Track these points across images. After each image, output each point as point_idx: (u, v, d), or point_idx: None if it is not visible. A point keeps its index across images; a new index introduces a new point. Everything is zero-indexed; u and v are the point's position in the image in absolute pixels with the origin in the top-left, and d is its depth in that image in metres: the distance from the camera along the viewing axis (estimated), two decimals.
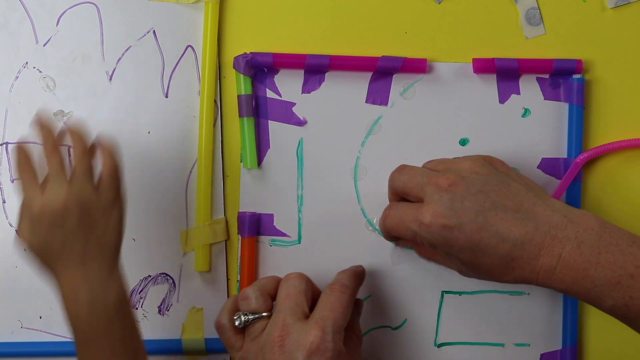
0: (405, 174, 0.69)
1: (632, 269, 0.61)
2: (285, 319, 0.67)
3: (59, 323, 0.77)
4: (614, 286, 0.62)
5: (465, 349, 0.78)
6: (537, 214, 0.64)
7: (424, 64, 0.77)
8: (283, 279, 0.71)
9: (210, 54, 0.77)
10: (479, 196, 0.65)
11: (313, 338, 0.66)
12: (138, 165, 0.77)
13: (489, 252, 0.64)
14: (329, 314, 0.68)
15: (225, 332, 0.71)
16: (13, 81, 0.77)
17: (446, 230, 0.65)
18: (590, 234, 0.63)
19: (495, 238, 0.64)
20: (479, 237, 0.64)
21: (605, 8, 0.78)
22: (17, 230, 0.68)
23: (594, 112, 0.78)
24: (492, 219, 0.64)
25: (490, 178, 0.66)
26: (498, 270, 0.65)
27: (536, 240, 0.63)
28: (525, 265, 0.63)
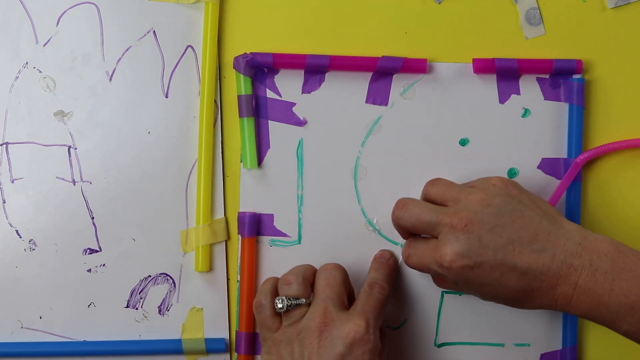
0: (410, 213, 0.69)
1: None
2: (327, 306, 0.69)
3: (59, 323, 0.77)
4: (628, 311, 0.63)
5: (465, 349, 0.78)
6: (553, 243, 0.65)
7: (424, 64, 0.77)
8: (321, 268, 0.73)
9: (210, 54, 0.77)
10: (496, 231, 0.65)
11: (357, 327, 0.67)
12: (138, 165, 0.77)
13: (510, 286, 0.65)
14: (372, 310, 0.69)
15: (264, 312, 0.72)
16: (13, 81, 0.77)
17: (466, 270, 0.65)
18: (604, 260, 0.64)
19: (514, 273, 0.65)
20: (499, 273, 0.65)
21: (605, 8, 0.78)
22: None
23: (594, 112, 0.78)
24: (510, 255, 0.65)
25: (503, 209, 0.66)
26: (519, 300, 0.66)
27: (553, 271, 0.64)
28: (544, 294, 0.65)
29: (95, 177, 0.77)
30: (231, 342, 0.78)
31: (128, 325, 0.77)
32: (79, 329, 0.77)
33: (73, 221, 0.77)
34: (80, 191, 0.77)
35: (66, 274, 0.77)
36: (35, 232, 0.77)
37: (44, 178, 0.77)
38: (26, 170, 0.77)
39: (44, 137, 0.77)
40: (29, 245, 0.77)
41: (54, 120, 0.77)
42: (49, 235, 0.77)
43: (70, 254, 0.77)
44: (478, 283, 0.66)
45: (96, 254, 0.77)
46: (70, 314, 0.77)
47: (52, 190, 0.77)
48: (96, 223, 0.77)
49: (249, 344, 0.77)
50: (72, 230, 0.77)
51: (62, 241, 0.77)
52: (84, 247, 0.77)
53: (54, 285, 0.77)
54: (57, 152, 0.77)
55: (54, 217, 0.77)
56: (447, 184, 0.70)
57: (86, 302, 0.77)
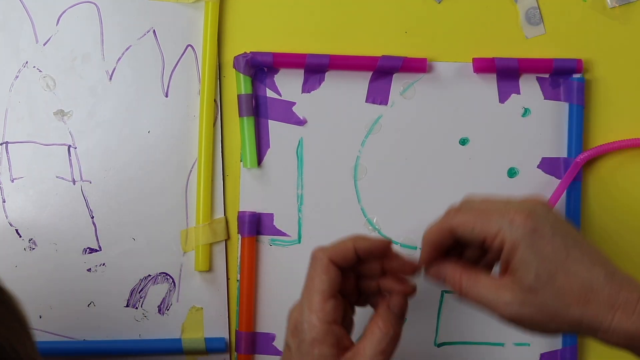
0: (469, 213, 0.64)
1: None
2: (299, 301, 0.65)
3: (59, 323, 0.77)
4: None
5: (465, 349, 0.78)
6: (614, 266, 0.62)
7: (424, 63, 0.77)
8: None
9: (210, 53, 0.77)
10: (571, 229, 0.63)
11: (293, 321, 0.64)
12: (138, 165, 0.77)
13: (571, 272, 0.61)
14: (303, 292, 0.64)
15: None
16: (13, 81, 0.77)
17: (536, 234, 0.61)
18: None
19: (580, 262, 0.61)
20: (566, 254, 0.61)
21: (605, 8, 0.78)
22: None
23: (594, 112, 0.78)
24: (580, 247, 0.61)
25: (569, 226, 0.64)
26: (571, 297, 0.60)
27: (617, 279, 0.60)
28: (604, 299, 0.60)
29: (95, 176, 0.77)
30: (231, 341, 0.78)
31: (128, 325, 0.77)
32: (79, 329, 0.77)
33: (73, 221, 0.77)
34: (80, 191, 0.77)
35: (66, 273, 0.77)
36: (35, 231, 0.77)
37: (44, 177, 0.77)
38: (26, 169, 0.77)
39: (44, 137, 0.77)
40: (29, 245, 0.77)
41: (54, 120, 0.77)
42: (49, 235, 0.77)
43: (70, 254, 0.77)
44: (543, 254, 0.60)
45: (96, 254, 0.77)
46: (70, 314, 0.77)
47: (52, 190, 0.77)
48: (96, 222, 0.77)
49: (249, 344, 0.77)
50: (72, 230, 0.77)
51: (62, 241, 0.77)
52: (84, 246, 0.77)
53: (53, 284, 0.77)
54: (57, 151, 0.77)
55: (54, 217, 0.77)
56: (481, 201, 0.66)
57: (86, 302, 0.77)
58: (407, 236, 0.77)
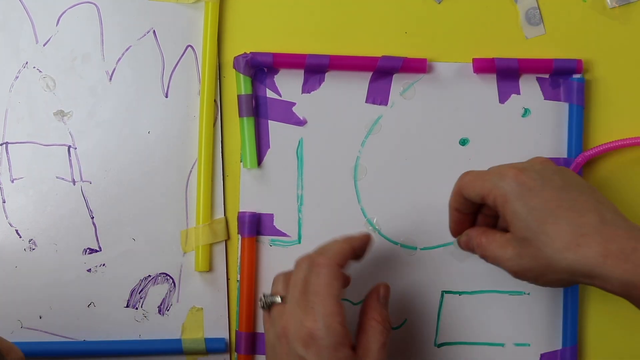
0: (474, 175, 0.67)
1: None
2: (290, 309, 0.66)
3: (59, 323, 0.77)
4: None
5: (465, 349, 0.78)
6: (616, 213, 0.63)
7: (423, 64, 0.77)
8: (295, 263, 0.69)
9: (210, 53, 0.77)
10: (569, 180, 0.65)
11: (306, 330, 0.64)
12: (138, 165, 0.77)
13: (561, 219, 0.62)
14: (315, 299, 0.65)
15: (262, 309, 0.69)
16: (13, 81, 0.77)
17: (527, 187, 0.63)
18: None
19: (571, 210, 0.62)
20: (556, 203, 0.62)
21: (605, 8, 0.78)
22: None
23: (594, 112, 0.78)
24: (573, 195, 0.63)
25: (576, 179, 0.66)
26: (563, 242, 0.61)
27: (611, 227, 0.61)
28: (595, 244, 0.60)
29: (95, 176, 0.77)
30: (231, 341, 0.78)
31: (128, 325, 0.77)
32: (79, 329, 0.77)
33: (73, 221, 0.77)
34: (80, 191, 0.77)
35: (66, 273, 0.77)
36: (35, 232, 0.77)
37: (44, 178, 0.77)
38: (26, 170, 0.77)
39: (43, 137, 0.77)
40: (29, 245, 0.77)
41: (54, 120, 0.77)
42: (49, 235, 0.77)
43: (70, 254, 0.77)
44: (531, 205, 0.62)
45: (96, 254, 0.77)
46: (70, 314, 0.77)
47: (52, 190, 0.77)
48: (96, 223, 0.77)
49: (249, 344, 0.77)
50: (72, 230, 0.77)
51: (62, 241, 0.77)
52: (84, 246, 0.77)
53: (53, 285, 0.77)
54: (57, 151, 0.77)
55: (54, 217, 0.77)
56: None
57: (86, 302, 0.77)
58: (407, 236, 0.77)
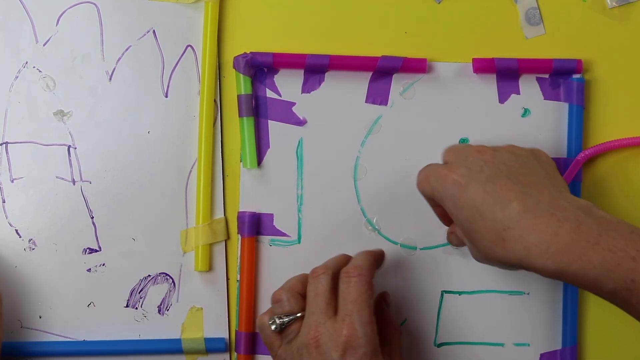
0: (456, 146, 0.70)
1: (634, 252, 0.59)
2: (317, 319, 0.67)
3: (59, 323, 0.77)
4: (614, 267, 0.59)
5: (465, 349, 0.78)
6: (543, 195, 0.63)
7: (423, 63, 0.77)
8: (310, 274, 0.70)
9: (210, 53, 0.77)
10: (500, 167, 0.65)
11: (344, 338, 0.66)
12: (138, 165, 0.77)
13: (486, 216, 0.63)
14: (352, 307, 0.67)
15: (265, 331, 0.70)
16: (13, 81, 0.77)
17: (456, 185, 0.65)
18: (592, 219, 0.61)
19: (494, 204, 0.63)
20: (481, 199, 0.63)
21: (605, 8, 0.78)
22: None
23: (594, 112, 0.78)
24: (498, 186, 0.64)
25: (520, 159, 0.67)
26: (490, 240, 0.63)
27: (532, 215, 0.61)
28: (517, 238, 0.61)
29: (95, 176, 0.77)
30: (231, 341, 0.78)
31: (128, 325, 0.77)
32: (79, 329, 0.77)
33: (73, 221, 0.77)
34: (80, 191, 0.77)
35: (66, 273, 0.77)
36: (35, 231, 0.77)
37: (44, 178, 0.77)
38: (26, 169, 0.77)
39: (43, 137, 0.77)
40: (29, 245, 0.77)
41: (54, 120, 0.77)
42: (49, 235, 0.77)
43: (70, 254, 0.77)
44: (461, 205, 0.64)
45: (96, 254, 0.77)
46: (69, 314, 0.77)
47: (52, 190, 0.77)
48: (96, 223, 0.77)
49: (249, 344, 0.77)
50: (72, 230, 0.77)
51: (62, 241, 0.77)
52: (84, 246, 0.77)
53: (53, 284, 0.77)
54: (57, 151, 0.77)
55: (53, 217, 0.77)
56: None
57: (86, 302, 0.77)
58: (407, 236, 0.77)
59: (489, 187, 0.64)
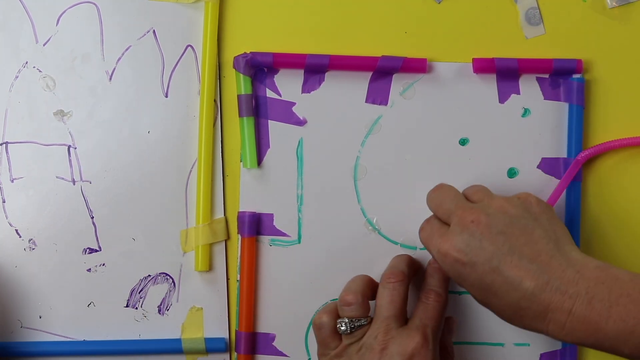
0: (438, 196, 0.71)
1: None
2: (389, 324, 0.69)
3: (59, 323, 0.77)
4: (628, 336, 0.61)
5: (465, 349, 0.78)
6: (552, 268, 0.64)
7: (423, 63, 0.77)
8: (384, 280, 0.72)
9: (210, 53, 0.77)
10: (499, 238, 0.65)
11: (415, 344, 0.68)
12: (138, 165, 0.77)
13: (499, 295, 0.65)
14: (429, 322, 0.70)
15: (325, 331, 0.71)
16: (13, 81, 0.77)
17: (459, 264, 0.66)
18: (602, 288, 0.63)
19: (505, 285, 0.64)
20: (490, 279, 0.65)
21: (605, 8, 0.78)
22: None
23: (594, 112, 0.78)
24: (505, 265, 0.64)
25: (515, 221, 0.66)
26: (507, 314, 0.66)
27: (545, 295, 0.63)
28: (534, 317, 0.64)
29: (95, 176, 0.77)
30: (231, 341, 0.78)
31: (128, 325, 0.77)
32: (79, 329, 0.77)
33: (73, 221, 0.77)
34: (80, 191, 0.77)
35: (66, 273, 0.77)
36: (35, 231, 0.77)
37: (44, 178, 0.77)
38: (26, 169, 0.77)
39: (43, 137, 0.77)
40: (29, 245, 0.77)
41: (54, 120, 0.77)
42: (49, 235, 0.77)
43: (70, 254, 0.77)
44: (469, 283, 0.66)
45: (96, 254, 0.77)
46: (70, 314, 0.77)
47: (52, 190, 0.77)
48: (96, 223, 0.77)
49: (249, 344, 0.77)
50: (72, 230, 0.77)
51: (62, 241, 0.77)
52: (84, 246, 0.77)
53: (53, 284, 0.77)
54: (57, 151, 0.77)
55: (54, 217, 0.77)
56: (484, 188, 0.72)
57: (86, 302, 0.77)
58: (407, 236, 0.77)
59: (495, 264, 0.65)
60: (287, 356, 0.78)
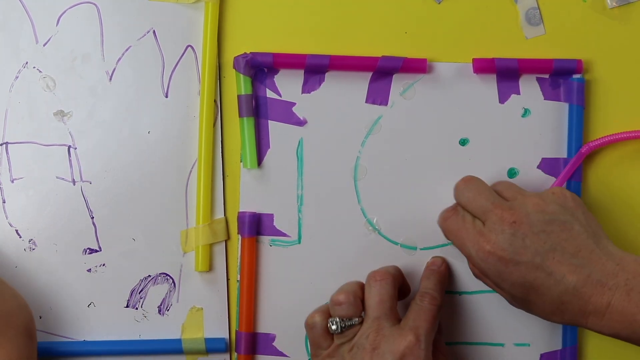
0: (470, 190, 0.71)
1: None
2: (380, 324, 0.69)
3: (59, 323, 0.77)
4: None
5: (465, 349, 0.78)
6: (592, 262, 0.65)
7: (424, 64, 0.77)
8: (370, 278, 0.72)
9: (210, 54, 0.77)
10: (541, 236, 0.66)
11: (407, 343, 0.68)
12: (138, 165, 0.77)
13: (541, 291, 0.66)
14: (423, 324, 0.70)
15: (317, 331, 0.72)
16: (13, 81, 0.77)
17: (502, 263, 0.67)
18: (639, 278, 0.64)
19: (548, 280, 0.66)
20: (533, 276, 0.66)
21: (605, 8, 0.78)
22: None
23: (594, 112, 0.78)
24: (549, 261, 0.66)
25: (554, 218, 0.67)
26: (547, 310, 0.67)
27: (587, 288, 0.65)
28: (575, 309, 0.65)
29: (95, 177, 0.77)
30: (231, 342, 0.78)
31: (128, 325, 0.77)
32: (79, 329, 0.77)
33: (73, 221, 0.77)
34: (80, 191, 0.77)
35: (66, 273, 0.77)
36: (35, 232, 0.77)
37: (44, 178, 0.77)
38: (26, 170, 0.77)
39: (44, 137, 0.77)
40: (29, 245, 0.77)
41: (54, 120, 0.77)
42: (49, 235, 0.77)
43: (70, 254, 0.77)
44: (510, 281, 0.67)
45: (96, 254, 0.77)
46: (70, 314, 0.77)
47: (52, 190, 0.77)
48: (96, 223, 0.77)
49: (249, 344, 0.77)
50: (72, 230, 0.77)
51: (62, 241, 0.77)
52: (84, 247, 0.77)
53: (53, 284, 0.77)
54: (57, 152, 0.77)
55: (54, 217, 0.77)
56: (514, 184, 0.72)
57: (86, 302, 0.77)
58: (407, 236, 0.77)
59: (538, 261, 0.66)
60: (287, 356, 0.78)
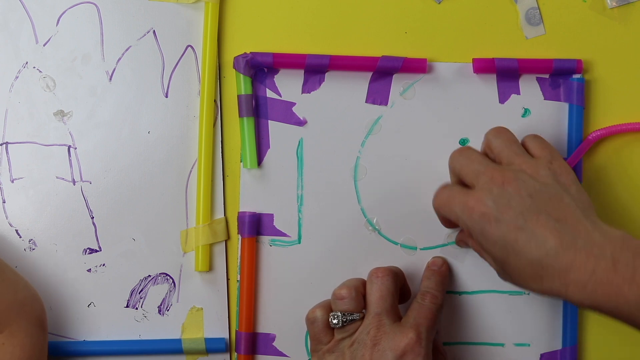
0: (464, 157, 0.69)
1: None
2: (381, 320, 0.69)
3: (59, 323, 0.77)
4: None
5: (465, 349, 0.78)
6: (578, 230, 0.63)
7: (424, 64, 0.77)
8: (371, 275, 0.72)
9: (210, 54, 0.77)
10: (527, 200, 0.65)
11: (408, 340, 0.68)
12: (138, 165, 0.77)
13: (521, 253, 0.64)
14: (424, 322, 0.70)
15: (318, 326, 0.72)
16: (13, 81, 0.77)
17: (484, 219, 0.65)
18: (627, 254, 0.62)
19: (529, 241, 0.64)
20: (514, 236, 0.64)
21: (604, 8, 0.78)
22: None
23: (594, 112, 0.78)
24: (531, 222, 0.64)
25: (545, 188, 0.66)
26: (526, 275, 0.65)
27: (570, 253, 0.62)
28: (556, 276, 0.63)
29: (95, 177, 0.77)
30: (231, 342, 0.78)
31: (128, 325, 0.77)
32: (79, 329, 0.77)
33: (73, 221, 0.77)
34: (80, 191, 0.77)
35: (66, 273, 0.77)
36: (35, 232, 0.77)
37: (44, 178, 0.77)
38: (26, 170, 0.77)
39: (43, 137, 0.77)
40: (29, 245, 0.77)
41: (54, 120, 0.77)
42: (49, 235, 0.77)
43: (70, 254, 0.77)
44: (492, 240, 0.65)
45: (96, 254, 0.77)
46: (70, 314, 0.77)
47: (52, 190, 0.77)
48: (96, 223, 0.77)
49: (249, 344, 0.77)
50: (72, 230, 0.77)
51: (62, 241, 0.77)
52: (84, 247, 0.77)
53: (53, 284, 0.77)
54: (57, 152, 0.77)
55: (54, 217, 0.77)
56: (511, 140, 0.70)
57: (86, 302, 0.77)
58: (407, 236, 0.77)
59: (521, 222, 0.64)
60: (287, 356, 0.78)
